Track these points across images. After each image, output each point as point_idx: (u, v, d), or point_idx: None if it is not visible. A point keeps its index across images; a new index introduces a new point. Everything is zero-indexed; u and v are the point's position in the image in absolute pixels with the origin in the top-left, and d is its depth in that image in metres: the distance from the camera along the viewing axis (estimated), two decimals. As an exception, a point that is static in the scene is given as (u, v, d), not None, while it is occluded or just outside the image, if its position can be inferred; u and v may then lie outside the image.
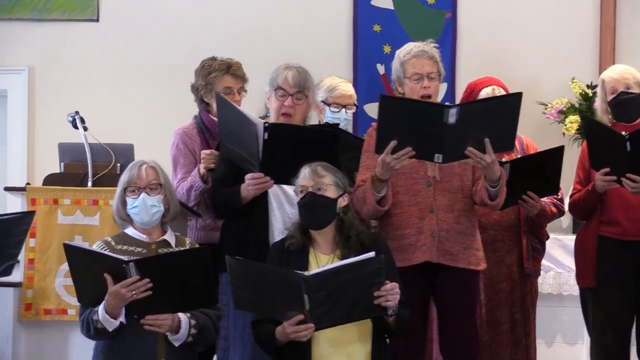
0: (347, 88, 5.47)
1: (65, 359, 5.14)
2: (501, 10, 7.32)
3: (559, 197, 5.19)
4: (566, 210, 5.33)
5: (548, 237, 5.40)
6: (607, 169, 4.80)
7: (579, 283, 5.22)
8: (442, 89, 5.65)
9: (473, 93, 5.36)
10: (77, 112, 5.40)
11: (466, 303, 4.65)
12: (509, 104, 4.40)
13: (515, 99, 4.38)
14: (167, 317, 4.13)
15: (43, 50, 7.47)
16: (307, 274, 3.94)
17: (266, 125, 4.34)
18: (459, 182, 4.68)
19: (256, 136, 4.36)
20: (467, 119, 4.28)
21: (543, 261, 5.47)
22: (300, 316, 3.96)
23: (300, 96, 4.70)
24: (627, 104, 5.02)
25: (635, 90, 5.03)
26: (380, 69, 7.30)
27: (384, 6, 7.33)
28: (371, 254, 3.96)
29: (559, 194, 5.16)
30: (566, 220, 6.54)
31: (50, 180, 5.30)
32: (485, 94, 5.26)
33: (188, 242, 4.47)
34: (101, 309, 4.09)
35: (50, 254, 5.13)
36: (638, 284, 4.99)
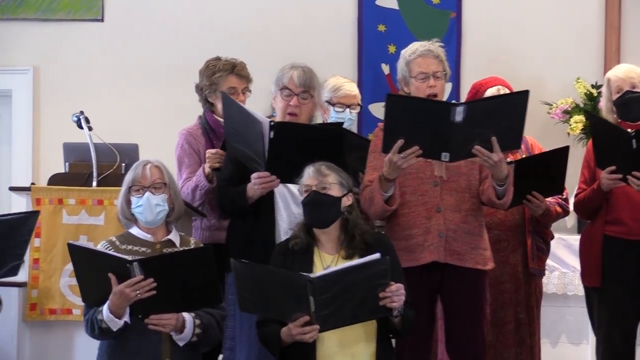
0: (351, 88, 5.46)
1: (69, 358, 5.15)
2: (506, 10, 7.31)
3: (564, 197, 5.18)
4: (571, 210, 5.33)
5: (553, 237, 5.40)
6: (613, 167, 4.79)
7: (584, 282, 5.21)
8: (446, 88, 5.65)
9: (478, 93, 5.36)
10: (81, 112, 5.40)
11: (473, 303, 4.64)
12: (516, 102, 4.38)
13: (522, 97, 4.37)
14: (172, 317, 4.13)
15: (48, 50, 7.48)
16: (312, 276, 3.93)
17: (272, 123, 4.35)
18: (466, 182, 4.67)
19: (262, 135, 4.36)
20: (474, 117, 4.27)
21: (548, 261, 5.45)
22: (305, 317, 3.96)
23: (306, 96, 4.69)
24: (632, 103, 5.02)
25: (640, 90, 5.04)
26: (385, 68, 7.30)
27: (389, 6, 7.33)
28: (376, 255, 3.95)
29: (563, 193, 5.16)
30: (571, 220, 6.53)
31: (55, 180, 5.30)
32: (490, 94, 5.26)
33: (192, 242, 4.47)
34: (105, 308, 4.09)
35: (55, 253, 5.14)
36: (643, 284, 5.00)
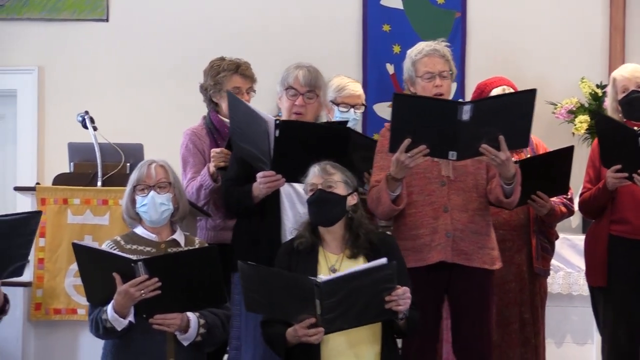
0: (355, 88, 5.46)
1: (74, 358, 5.15)
2: (511, 10, 7.31)
3: (569, 196, 5.18)
4: (576, 210, 5.33)
5: (557, 237, 5.40)
6: (619, 166, 4.79)
7: (589, 282, 5.21)
8: (451, 88, 5.64)
9: (483, 93, 5.36)
10: (86, 112, 5.40)
11: (480, 303, 4.63)
12: (524, 100, 4.38)
13: (529, 96, 4.36)
14: (176, 317, 4.13)
15: (53, 50, 7.48)
16: (319, 280, 3.94)
17: (277, 122, 4.35)
18: (473, 181, 4.66)
19: (267, 134, 4.36)
20: (481, 116, 4.27)
21: (552, 261, 5.46)
22: (312, 320, 3.96)
23: (311, 95, 4.70)
24: (637, 102, 5.02)
25: (646, 89, 5.04)
26: (390, 68, 7.29)
27: (394, 6, 7.33)
28: (383, 260, 3.96)
29: (568, 193, 5.16)
30: (576, 220, 6.53)
31: (60, 180, 5.30)
32: (495, 94, 5.26)
33: (197, 241, 4.48)
34: (110, 308, 4.09)
35: (60, 253, 5.14)
36: (649, 283, 5.00)
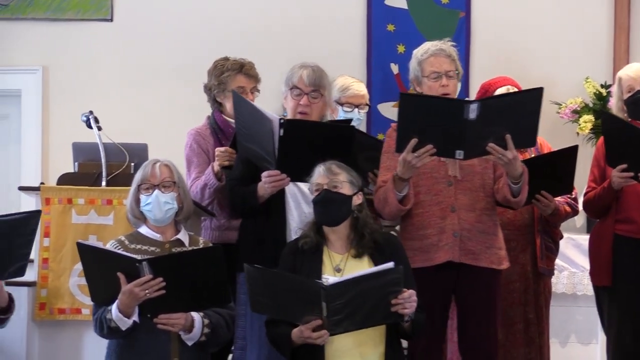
0: (359, 88, 5.47)
1: (78, 358, 5.15)
2: (515, 10, 7.30)
3: (573, 196, 5.18)
4: (580, 210, 5.32)
5: (562, 237, 5.40)
6: (624, 166, 4.79)
7: (593, 281, 5.20)
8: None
9: (487, 93, 5.36)
10: (91, 112, 5.40)
11: (487, 303, 4.63)
12: (530, 99, 4.37)
13: (536, 94, 4.37)
14: (180, 316, 4.14)
15: (57, 50, 7.48)
16: (326, 283, 3.95)
17: (282, 121, 4.35)
18: (480, 181, 4.66)
19: (272, 133, 4.36)
20: (487, 115, 4.28)
21: (557, 261, 5.45)
22: (318, 321, 3.96)
23: (316, 95, 4.69)
24: (643, 102, 5.02)
25: (652, 89, 5.04)
26: (394, 68, 7.29)
27: (398, 6, 7.32)
28: (390, 264, 3.96)
29: (572, 193, 5.15)
30: (580, 219, 6.53)
31: (64, 179, 5.30)
32: (499, 93, 5.25)
33: (202, 241, 4.48)
34: (114, 308, 4.10)
35: (65, 253, 5.14)
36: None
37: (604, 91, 6.91)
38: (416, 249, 4.54)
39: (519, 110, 4.35)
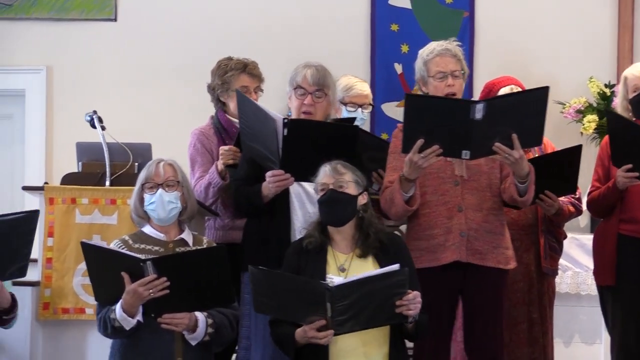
0: (363, 87, 5.47)
1: (82, 357, 5.15)
2: (519, 9, 7.30)
3: (577, 196, 5.17)
4: (584, 210, 5.32)
5: (566, 237, 5.39)
6: (629, 165, 4.78)
7: (597, 281, 5.20)
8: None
9: (491, 93, 5.36)
10: (95, 112, 5.41)
11: (494, 303, 4.63)
12: (536, 98, 4.38)
13: (542, 93, 4.37)
14: (184, 316, 4.14)
15: (61, 49, 7.49)
16: (331, 285, 3.95)
17: (285, 121, 4.35)
18: (486, 181, 4.66)
19: (276, 132, 4.36)
20: (493, 114, 4.28)
21: (561, 260, 5.45)
22: (322, 321, 3.96)
23: (320, 94, 4.69)
24: (648, 101, 5.02)
25: (657, 89, 5.04)
26: (398, 68, 7.29)
27: (402, 5, 7.32)
28: (396, 266, 3.96)
29: (576, 193, 5.15)
30: (584, 219, 6.52)
31: (68, 179, 5.30)
32: (503, 93, 5.25)
33: (205, 241, 4.48)
34: (118, 307, 4.10)
35: (68, 253, 5.14)
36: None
37: (607, 91, 6.90)
38: (423, 249, 4.54)
39: (524, 109, 4.35)
